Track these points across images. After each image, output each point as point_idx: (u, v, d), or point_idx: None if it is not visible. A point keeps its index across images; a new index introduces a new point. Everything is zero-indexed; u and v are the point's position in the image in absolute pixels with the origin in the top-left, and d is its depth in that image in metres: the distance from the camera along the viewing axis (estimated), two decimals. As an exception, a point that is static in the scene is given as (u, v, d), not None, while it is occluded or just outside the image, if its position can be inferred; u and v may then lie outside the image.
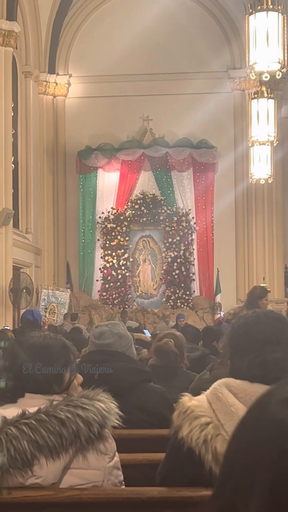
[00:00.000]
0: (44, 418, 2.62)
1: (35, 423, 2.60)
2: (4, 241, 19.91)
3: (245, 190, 24.34)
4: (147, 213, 24.26)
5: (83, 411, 2.66)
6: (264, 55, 13.46)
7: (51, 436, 2.59)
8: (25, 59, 24.10)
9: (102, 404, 2.72)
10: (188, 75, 24.44)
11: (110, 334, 4.44)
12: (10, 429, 2.60)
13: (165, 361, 5.85)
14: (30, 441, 2.58)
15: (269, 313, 2.94)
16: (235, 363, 2.74)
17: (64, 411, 2.64)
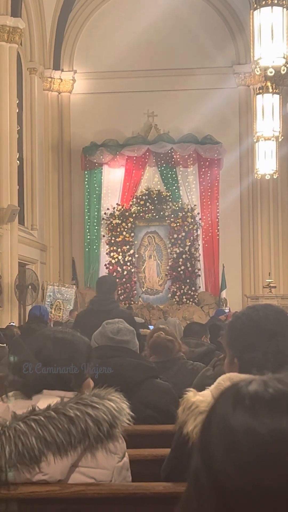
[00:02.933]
0: (53, 415, 2.61)
1: (44, 420, 2.60)
2: (9, 238, 19.93)
3: (250, 185, 24.32)
4: (152, 209, 24.26)
5: (93, 410, 2.65)
6: (269, 50, 13.43)
7: (60, 434, 2.59)
8: (29, 56, 24.10)
9: (113, 404, 2.71)
10: (193, 70, 24.40)
11: (127, 331, 4.48)
12: (19, 425, 2.60)
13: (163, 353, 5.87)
14: (38, 438, 2.58)
15: (268, 306, 2.94)
16: (246, 358, 2.73)
17: (74, 409, 2.64)
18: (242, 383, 1.13)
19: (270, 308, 2.87)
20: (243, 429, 1.06)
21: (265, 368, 2.61)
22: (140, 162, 24.78)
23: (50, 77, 25.09)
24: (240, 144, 24.54)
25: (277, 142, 20.07)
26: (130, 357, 4.33)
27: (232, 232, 24.42)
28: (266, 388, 1.12)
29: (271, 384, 1.13)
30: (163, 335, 5.98)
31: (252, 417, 1.07)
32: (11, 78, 20.30)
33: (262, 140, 19.83)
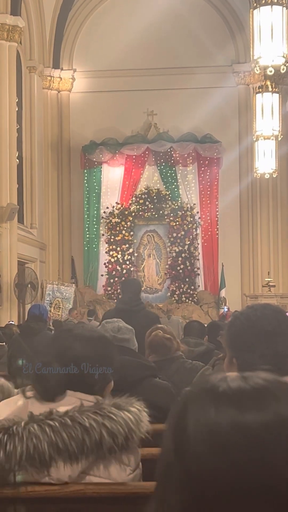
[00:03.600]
0: (68, 423, 2.59)
1: (58, 427, 2.58)
2: (9, 236, 19.94)
3: (249, 184, 24.32)
4: (152, 207, 24.26)
5: (109, 422, 2.62)
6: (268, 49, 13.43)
7: (73, 442, 2.57)
8: (29, 54, 24.10)
9: (131, 416, 2.69)
10: (192, 69, 24.40)
11: (126, 330, 4.49)
12: (33, 427, 2.58)
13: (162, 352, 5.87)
14: (51, 444, 2.56)
15: (267, 306, 2.93)
16: (245, 359, 2.73)
17: (90, 419, 2.61)
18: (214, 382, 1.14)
19: (269, 308, 2.86)
20: (231, 426, 1.06)
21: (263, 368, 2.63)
22: (140, 161, 24.78)
23: (49, 75, 25.09)
24: (240, 143, 24.54)
25: (276, 141, 20.06)
26: (129, 356, 4.33)
27: (231, 231, 24.42)
28: (246, 382, 1.13)
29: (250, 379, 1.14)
30: (161, 333, 5.98)
31: (239, 412, 1.07)
32: (10, 77, 20.30)
33: (261, 139, 19.83)
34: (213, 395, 1.11)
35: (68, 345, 2.91)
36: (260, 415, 1.07)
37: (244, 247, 24.56)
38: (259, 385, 1.12)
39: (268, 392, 1.11)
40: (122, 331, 4.50)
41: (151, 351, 5.96)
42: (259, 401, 1.09)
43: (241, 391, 1.11)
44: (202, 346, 7.55)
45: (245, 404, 1.09)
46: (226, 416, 1.07)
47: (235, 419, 1.07)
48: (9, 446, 2.55)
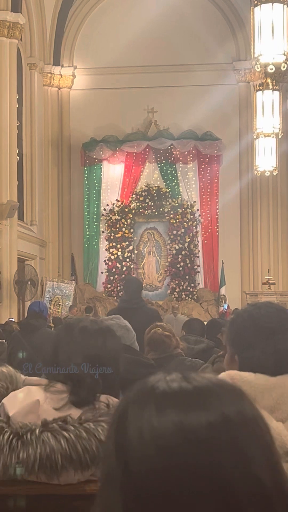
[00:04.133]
0: (83, 435, 2.57)
1: (74, 439, 2.56)
2: (9, 233, 19.94)
3: (250, 182, 24.30)
4: (152, 205, 24.25)
5: None
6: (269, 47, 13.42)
7: (86, 454, 2.56)
8: (30, 51, 24.08)
9: None
10: (193, 66, 24.38)
11: (118, 327, 4.46)
12: (47, 436, 2.56)
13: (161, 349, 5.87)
14: (65, 456, 2.55)
15: (270, 304, 2.93)
16: (246, 355, 2.73)
17: (105, 430, 2.57)
18: (153, 382, 1.13)
19: (271, 306, 2.87)
20: (175, 427, 1.05)
21: (265, 366, 2.64)
22: (140, 158, 24.78)
23: (50, 72, 25.07)
24: (240, 140, 24.53)
25: (277, 139, 20.06)
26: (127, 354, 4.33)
27: (231, 229, 24.41)
28: (188, 382, 1.12)
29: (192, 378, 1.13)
30: (160, 331, 5.98)
31: (183, 413, 1.06)
32: (11, 74, 20.30)
33: (262, 137, 19.81)
34: (153, 396, 1.10)
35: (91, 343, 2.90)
36: (204, 415, 1.06)
37: (244, 244, 24.55)
38: (201, 385, 1.11)
39: (211, 392, 1.10)
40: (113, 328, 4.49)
41: (150, 348, 5.96)
42: (202, 401, 1.08)
43: (183, 391, 1.10)
44: (202, 344, 7.56)
45: (188, 404, 1.08)
46: (169, 417, 1.06)
47: (179, 420, 1.06)
48: (23, 454, 2.54)
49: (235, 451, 1.04)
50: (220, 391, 1.11)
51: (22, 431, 2.58)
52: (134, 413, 1.09)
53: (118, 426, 1.10)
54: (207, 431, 1.04)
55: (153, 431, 1.05)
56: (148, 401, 1.09)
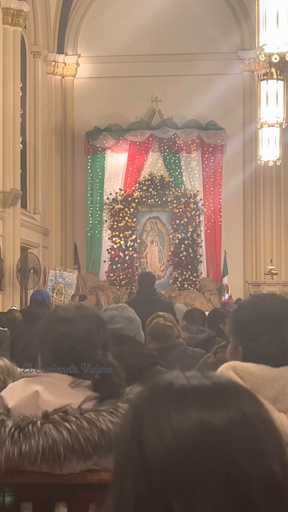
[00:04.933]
0: (85, 426, 2.58)
1: (76, 430, 2.57)
2: (12, 222, 19.94)
3: (253, 172, 24.27)
4: (155, 194, 24.23)
5: None
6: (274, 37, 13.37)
7: (89, 444, 2.57)
8: (33, 39, 24.02)
9: None
10: (197, 56, 24.32)
11: (121, 318, 4.45)
12: (49, 428, 2.56)
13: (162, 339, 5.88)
14: (67, 447, 2.55)
15: (273, 295, 2.95)
16: (250, 347, 2.74)
17: (106, 420, 2.61)
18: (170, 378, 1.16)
19: (275, 297, 2.88)
20: (196, 424, 1.08)
21: (268, 357, 2.65)
22: (143, 147, 24.74)
23: (54, 60, 25.01)
24: (244, 130, 24.47)
25: (280, 129, 20.01)
26: (129, 345, 4.33)
27: (234, 219, 24.39)
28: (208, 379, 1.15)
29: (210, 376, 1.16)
30: (162, 321, 5.98)
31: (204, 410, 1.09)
32: (15, 62, 20.26)
33: (265, 127, 19.77)
34: (173, 391, 1.13)
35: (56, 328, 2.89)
36: (225, 413, 1.09)
37: (247, 234, 24.54)
38: (220, 382, 1.15)
39: (230, 390, 1.14)
40: (115, 320, 4.46)
41: (152, 339, 5.97)
42: (222, 398, 1.11)
43: (203, 387, 1.13)
44: (204, 333, 7.56)
45: (208, 401, 1.11)
46: (189, 413, 1.09)
47: (199, 416, 1.09)
48: (25, 446, 2.55)
49: (252, 448, 1.08)
50: (239, 390, 1.15)
51: (24, 423, 2.59)
52: (153, 407, 1.12)
53: (136, 419, 1.13)
54: (227, 428, 1.08)
55: (173, 426, 1.08)
56: (167, 397, 1.12)
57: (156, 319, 6.00)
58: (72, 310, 2.99)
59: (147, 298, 8.97)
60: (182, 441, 1.07)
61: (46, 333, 2.93)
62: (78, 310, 3.00)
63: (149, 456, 1.08)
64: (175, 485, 1.05)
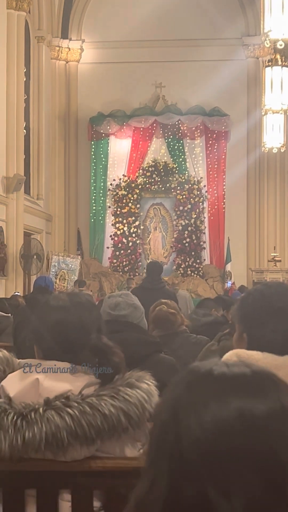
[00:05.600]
0: (87, 410, 2.59)
1: (78, 415, 2.58)
2: (15, 207, 19.94)
3: (257, 158, 24.22)
4: (159, 180, 24.20)
5: (125, 404, 2.64)
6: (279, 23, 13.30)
7: (91, 429, 2.58)
8: (38, 24, 23.94)
9: (144, 394, 2.70)
10: (202, 41, 24.22)
11: (126, 305, 4.45)
12: (51, 414, 2.57)
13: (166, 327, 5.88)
14: (70, 432, 2.56)
15: (280, 284, 2.94)
16: (255, 334, 2.73)
17: (108, 404, 2.62)
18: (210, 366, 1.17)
19: (282, 285, 2.88)
20: (237, 413, 1.10)
21: (273, 345, 2.64)
22: (147, 133, 24.69)
23: (58, 46, 24.94)
24: (248, 117, 24.42)
25: (285, 116, 19.92)
26: (133, 332, 4.33)
27: (238, 205, 24.37)
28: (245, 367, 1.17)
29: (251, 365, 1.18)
30: (165, 308, 5.98)
31: (246, 400, 1.11)
32: (19, 47, 20.20)
33: (270, 113, 19.67)
34: (212, 379, 1.15)
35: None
36: (264, 403, 1.11)
37: (250, 221, 24.52)
38: (260, 372, 1.16)
39: (269, 380, 1.15)
40: (120, 306, 4.46)
41: (155, 326, 5.97)
42: (262, 388, 1.13)
43: (244, 376, 1.15)
44: (210, 317, 7.58)
45: (249, 390, 1.12)
46: (229, 401, 1.10)
47: (240, 405, 1.10)
48: (28, 434, 2.56)
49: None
50: (277, 381, 1.16)
51: (26, 411, 2.59)
52: (192, 393, 1.14)
53: (174, 404, 1.15)
54: (266, 418, 1.10)
55: (212, 412, 1.10)
56: (207, 383, 1.14)
57: (160, 306, 6.00)
58: (63, 297, 3.01)
59: (151, 287, 9.43)
60: (220, 427, 1.09)
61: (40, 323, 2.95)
62: (69, 296, 3.02)
63: (186, 441, 1.10)
64: (211, 471, 1.07)
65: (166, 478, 1.11)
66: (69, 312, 2.89)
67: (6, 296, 15.60)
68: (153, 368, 4.16)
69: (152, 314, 6.00)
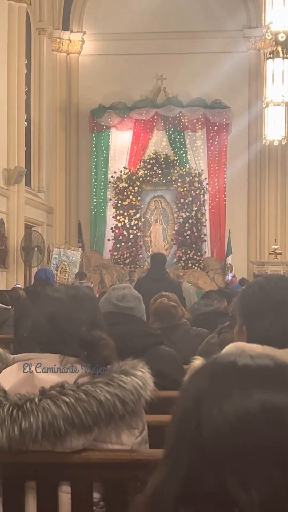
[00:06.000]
0: (83, 397, 2.60)
1: (74, 402, 2.59)
2: (16, 199, 19.93)
3: (258, 151, 24.19)
4: (160, 173, 24.18)
5: (121, 390, 2.65)
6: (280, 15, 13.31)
7: (88, 416, 2.59)
8: (39, 16, 23.88)
9: (139, 381, 2.71)
10: (203, 34, 24.17)
11: (132, 297, 4.46)
12: (47, 403, 2.58)
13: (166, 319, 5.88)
14: (67, 420, 2.57)
15: (281, 277, 2.95)
16: (254, 327, 2.74)
17: (104, 391, 2.63)
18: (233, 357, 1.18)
19: (282, 279, 2.88)
20: (260, 405, 1.10)
21: (272, 338, 2.65)
22: (148, 125, 24.66)
23: (59, 37, 24.90)
24: (249, 109, 24.38)
25: (286, 108, 19.91)
26: (134, 324, 4.33)
27: (239, 198, 24.36)
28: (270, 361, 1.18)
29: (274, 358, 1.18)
30: (166, 301, 5.98)
31: (267, 391, 1.11)
32: (19, 39, 20.16)
33: (271, 106, 19.66)
34: (236, 371, 1.15)
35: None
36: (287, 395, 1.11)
37: (251, 214, 24.50)
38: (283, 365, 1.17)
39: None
40: (127, 298, 4.47)
41: (155, 318, 5.97)
42: (285, 381, 1.14)
43: (267, 368, 1.16)
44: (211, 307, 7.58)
45: (272, 381, 1.13)
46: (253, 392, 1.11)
47: (263, 397, 1.11)
48: (25, 423, 2.57)
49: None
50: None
51: (21, 401, 2.61)
52: (216, 383, 1.14)
53: (196, 394, 1.15)
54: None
55: (234, 402, 1.10)
56: (231, 374, 1.15)
57: (160, 299, 6.00)
58: (61, 290, 3.05)
59: (157, 277, 9.81)
60: (243, 418, 1.09)
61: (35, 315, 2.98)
62: (66, 289, 3.06)
63: (207, 431, 1.10)
64: (230, 462, 1.07)
65: (185, 468, 1.11)
66: (62, 305, 2.92)
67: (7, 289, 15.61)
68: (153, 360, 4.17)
69: (153, 307, 6.00)
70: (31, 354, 2.84)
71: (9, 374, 2.79)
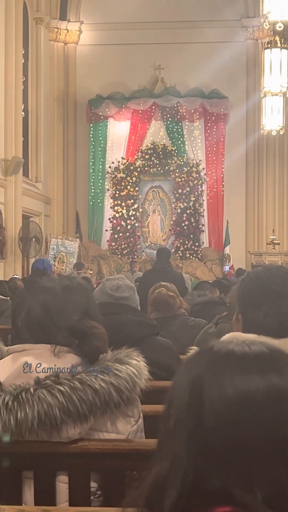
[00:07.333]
0: (78, 386, 2.61)
1: (69, 391, 2.60)
2: (13, 190, 19.91)
3: (256, 141, 24.17)
4: (157, 163, 24.15)
5: (116, 379, 2.66)
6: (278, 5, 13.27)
7: (83, 405, 2.60)
8: (36, 5, 23.80)
9: (133, 369, 2.73)
10: (201, 23, 24.10)
11: (126, 288, 4.47)
12: (42, 393, 2.59)
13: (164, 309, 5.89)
14: (62, 409, 2.58)
15: (280, 267, 2.95)
16: (249, 316, 2.75)
17: (99, 379, 2.64)
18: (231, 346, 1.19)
19: (280, 269, 2.88)
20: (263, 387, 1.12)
21: (268, 327, 2.65)
22: (146, 115, 24.61)
23: (56, 27, 24.82)
24: (247, 99, 24.33)
25: (284, 98, 19.88)
26: (130, 314, 4.34)
27: (237, 188, 24.34)
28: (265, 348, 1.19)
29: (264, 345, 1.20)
30: (165, 291, 5.98)
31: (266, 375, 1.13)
32: (17, 28, 20.09)
33: (269, 96, 19.64)
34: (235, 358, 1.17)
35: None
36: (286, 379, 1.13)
37: (249, 204, 24.49)
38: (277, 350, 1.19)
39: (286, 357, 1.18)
40: (121, 289, 4.48)
41: (154, 308, 5.98)
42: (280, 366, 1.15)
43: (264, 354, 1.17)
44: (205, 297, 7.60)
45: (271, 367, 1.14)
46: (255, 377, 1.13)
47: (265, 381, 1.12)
48: (20, 413, 2.58)
49: None
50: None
51: (17, 391, 2.62)
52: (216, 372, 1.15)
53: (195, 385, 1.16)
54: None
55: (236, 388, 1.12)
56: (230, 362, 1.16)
57: (159, 289, 6.00)
58: (55, 280, 3.07)
59: (162, 269, 10.43)
60: (246, 400, 1.10)
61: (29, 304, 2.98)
62: (60, 279, 3.07)
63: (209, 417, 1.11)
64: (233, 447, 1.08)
65: (186, 459, 1.11)
66: (55, 294, 2.93)
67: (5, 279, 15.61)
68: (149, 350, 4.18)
69: (151, 297, 6.00)
70: (25, 345, 2.85)
71: (3, 365, 2.80)
